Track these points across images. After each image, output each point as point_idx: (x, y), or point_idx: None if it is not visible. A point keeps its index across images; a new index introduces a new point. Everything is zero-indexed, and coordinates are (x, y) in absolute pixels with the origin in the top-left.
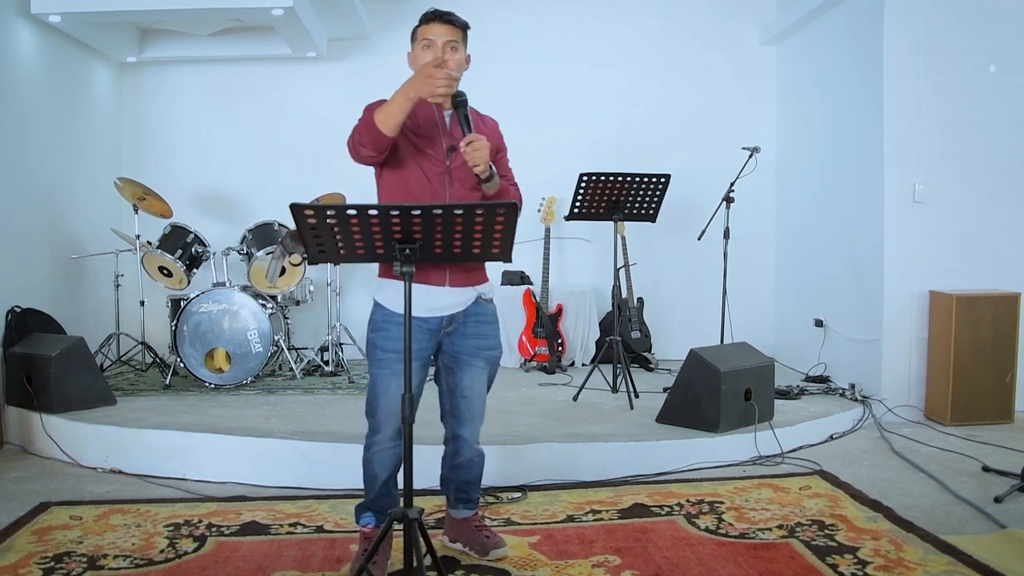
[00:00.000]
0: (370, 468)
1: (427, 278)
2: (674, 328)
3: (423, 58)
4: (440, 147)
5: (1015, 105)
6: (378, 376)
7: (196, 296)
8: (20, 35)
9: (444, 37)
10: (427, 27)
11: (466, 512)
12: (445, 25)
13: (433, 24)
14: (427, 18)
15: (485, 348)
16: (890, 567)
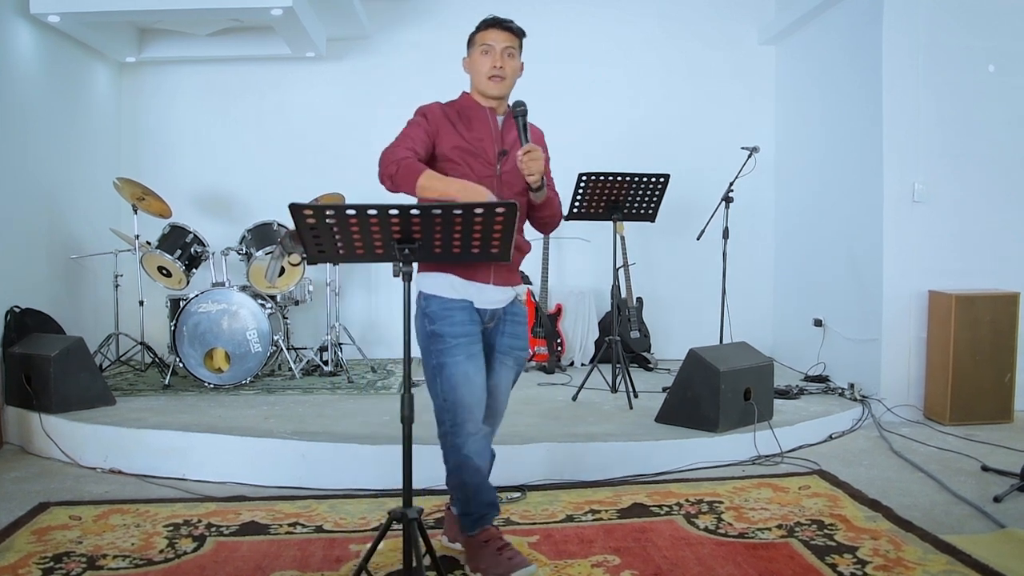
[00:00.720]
0: (469, 466)
1: (474, 275)
2: (673, 328)
3: (482, 63)
4: (492, 151)
5: (1014, 105)
6: (453, 364)
7: (195, 296)
8: (19, 35)
9: (502, 43)
10: (486, 33)
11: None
12: (504, 32)
13: (492, 30)
14: (486, 24)
15: (517, 348)
16: (889, 567)
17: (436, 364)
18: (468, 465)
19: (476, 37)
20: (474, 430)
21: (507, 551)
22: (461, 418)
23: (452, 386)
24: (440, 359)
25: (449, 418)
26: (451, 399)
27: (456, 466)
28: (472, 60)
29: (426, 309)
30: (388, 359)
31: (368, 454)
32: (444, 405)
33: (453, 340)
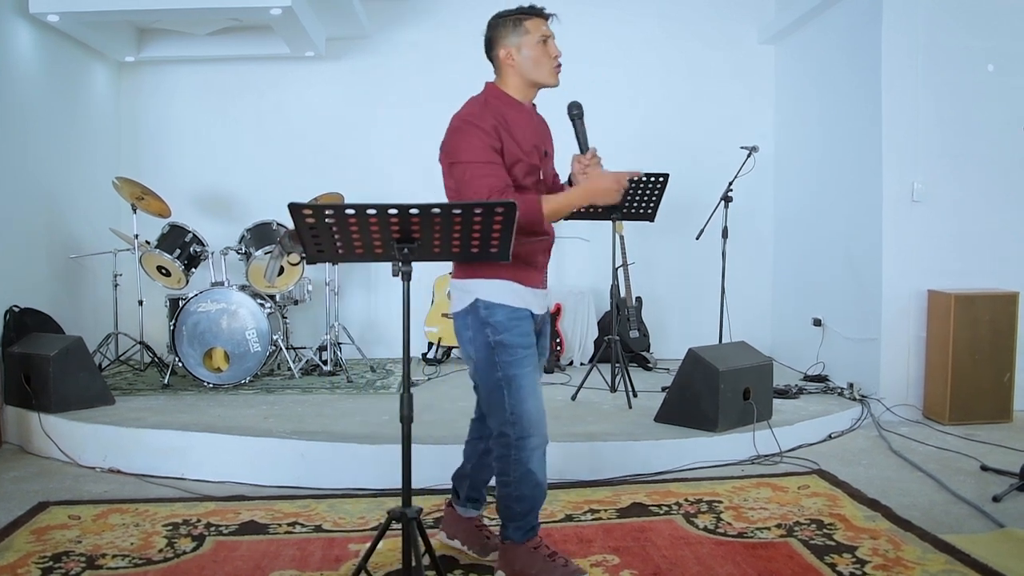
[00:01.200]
0: (530, 480)
1: (530, 279)
2: (672, 327)
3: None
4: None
5: (1014, 105)
6: (522, 376)
7: (194, 296)
8: (18, 35)
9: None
10: (538, 21)
11: (473, 512)
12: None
13: (540, 20)
14: (534, 12)
15: (544, 348)
16: (888, 566)
17: (503, 376)
18: (530, 479)
19: (527, 25)
20: (538, 444)
21: (559, 558)
22: (527, 431)
23: (520, 399)
24: (509, 371)
25: (515, 431)
26: (518, 412)
27: (519, 479)
28: (526, 48)
29: (490, 319)
30: (387, 359)
31: (367, 454)
32: (510, 418)
33: (523, 351)
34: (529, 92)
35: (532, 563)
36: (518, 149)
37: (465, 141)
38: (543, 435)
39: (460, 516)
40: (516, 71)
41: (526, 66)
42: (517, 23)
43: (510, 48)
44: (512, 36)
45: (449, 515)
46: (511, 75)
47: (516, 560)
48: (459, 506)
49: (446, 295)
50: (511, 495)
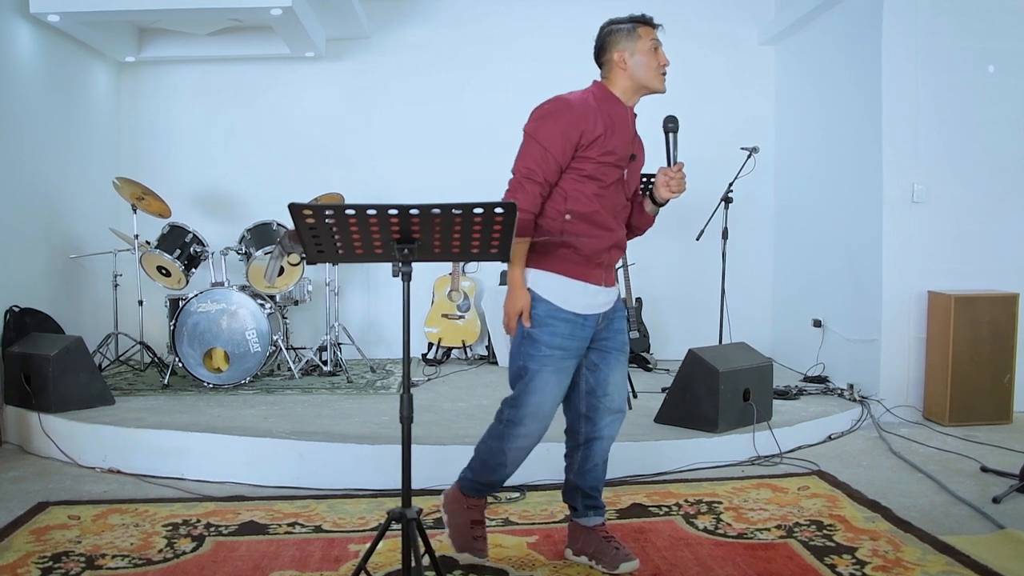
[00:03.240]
0: (499, 458)
1: (589, 276)
2: (672, 328)
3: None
4: (625, 154)
5: (1014, 106)
6: (537, 372)
7: (194, 296)
8: (19, 34)
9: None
10: (649, 29)
11: (596, 519)
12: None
13: (650, 27)
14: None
15: (626, 343)
16: (888, 567)
17: (523, 366)
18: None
19: (640, 31)
20: (525, 436)
21: (479, 529)
22: (520, 420)
23: (530, 391)
24: (527, 363)
25: (510, 414)
26: (522, 400)
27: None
28: (638, 55)
29: (533, 309)
30: (387, 359)
31: (367, 454)
32: (513, 401)
33: (548, 351)
34: (634, 97)
35: (457, 516)
36: (610, 145)
37: (548, 121)
38: (535, 434)
39: (584, 527)
40: (627, 74)
41: (637, 70)
42: (632, 30)
43: (624, 52)
44: (626, 41)
45: (573, 529)
46: (621, 78)
47: (451, 503)
48: (580, 518)
49: (446, 295)
50: (480, 453)
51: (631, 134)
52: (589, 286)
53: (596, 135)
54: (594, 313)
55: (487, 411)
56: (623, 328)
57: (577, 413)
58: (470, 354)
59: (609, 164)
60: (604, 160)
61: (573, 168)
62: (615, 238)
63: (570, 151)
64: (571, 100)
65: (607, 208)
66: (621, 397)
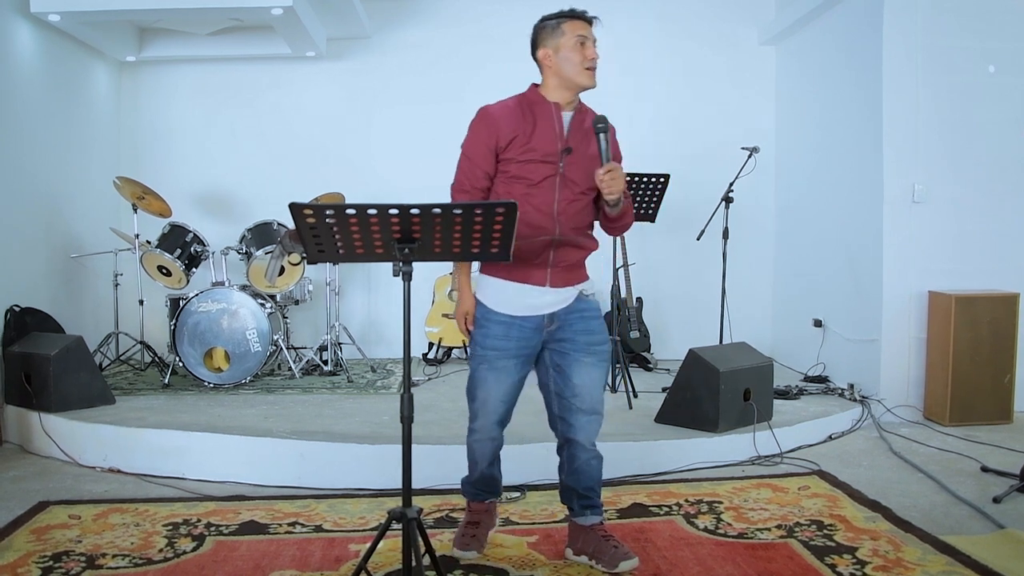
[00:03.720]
0: (471, 453)
1: (527, 278)
2: (673, 328)
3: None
4: (555, 148)
5: (1014, 106)
6: (475, 370)
7: (195, 295)
8: (19, 34)
9: (592, 36)
10: (576, 23)
11: (594, 518)
12: (589, 25)
13: (580, 21)
14: (575, 15)
15: (594, 343)
16: (888, 567)
17: (471, 364)
18: (470, 453)
19: (564, 27)
20: (479, 432)
21: (470, 529)
22: (473, 418)
23: (473, 387)
24: (472, 363)
25: (469, 408)
26: (470, 396)
27: (467, 444)
28: (562, 51)
29: (476, 311)
30: (388, 359)
31: (368, 454)
32: (468, 396)
33: (482, 351)
34: (564, 93)
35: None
36: (532, 143)
37: (469, 132)
38: (485, 429)
39: (582, 526)
40: (553, 72)
41: (562, 66)
42: (556, 26)
43: (548, 50)
44: (551, 38)
45: (572, 529)
46: (549, 76)
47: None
48: (577, 517)
49: (447, 295)
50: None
51: (559, 130)
52: (528, 287)
53: (512, 137)
54: (535, 315)
55: None
56: (591, 328)
57: (552, 414)
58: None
59: (534, 161)
60: (526, 159)
61: (500, 171)
62: (550, 238)
63: (491, 157)
64: (489, 109)
65: (539, 207)
66: (592, 398)
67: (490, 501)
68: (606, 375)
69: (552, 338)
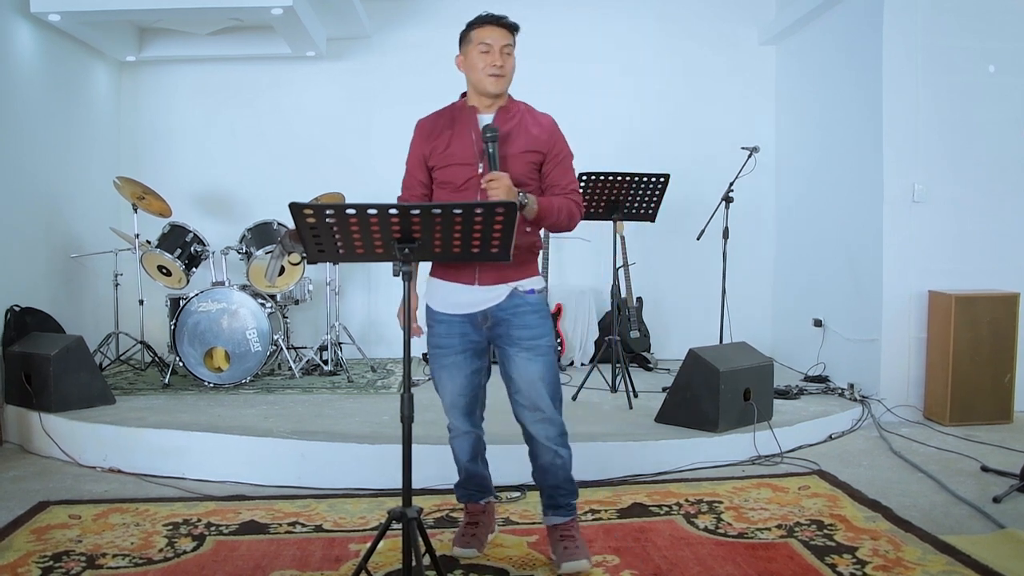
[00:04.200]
0: (453, 452)
1: (458, 277)
2: (673, 328)
3: (480, 62)
4: (472, 154)
5: (1014, 106)
6: (434, 370)
7: (195, 295)
8: (19, 34)
9: (501, 41)
10: (483, 31)
11: (556, 518)
12: (501, 29)
13: (488, 27)
14: (483, 21)
15: (528, 338)
16: (889, 567)
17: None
18: (453, 453)
19: (472, 35)
20: (452, 431)
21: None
22: (445, 413)
23: (436, 387)
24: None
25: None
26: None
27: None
28: (470, 59)
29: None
30: (388, 358)
31: (368, 454)
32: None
33: (431, 350)
34: (483, 98)
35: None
36: (446, 147)
37: (411, 143)
38: (454, 427)
39: (547, 526)
40: (466, 78)
41: (469, 74)
42: (467, 33)
43: (461, 56)
44: (464, 45)
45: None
46: (467, 82)
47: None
48: (544, 516)
49: None
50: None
51: (473, 136)
52: (458, 286)
53: (432, 146)
54: (469, 312)
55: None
56: (526, 323)
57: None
58: None
59: (453, 166)
60: (445, 164)
61: (433, 178)
62: None
63: (423, 166)
64: (422, 121)
65: None
66: (533, 394)
67: (486, 501)
68: (548, 371)
69: (492, 335)
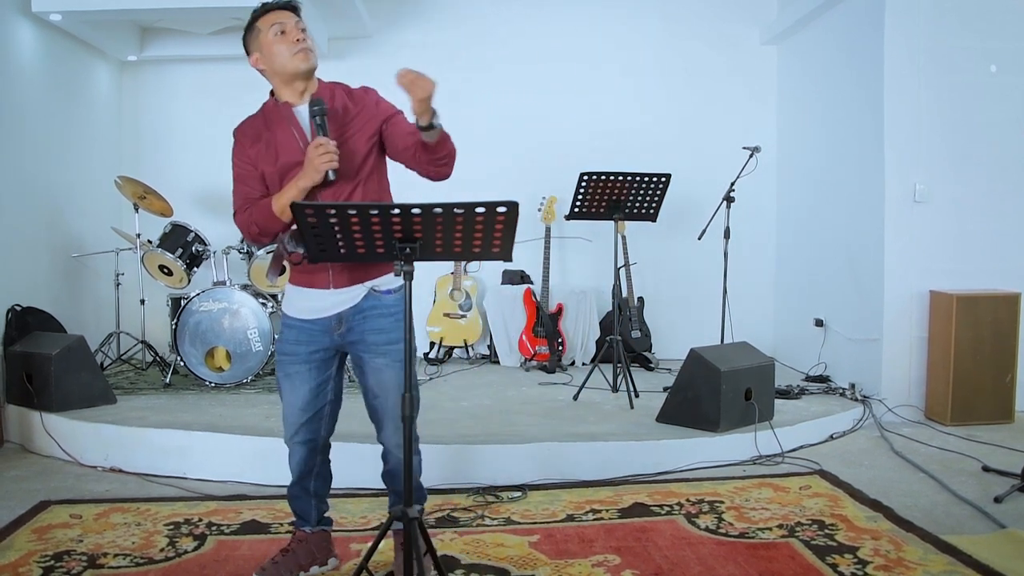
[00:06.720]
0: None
1: (312, 282)
2: (674, 327)
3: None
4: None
5: (1016, 105)
6: (277, 378)
7: (196, 295)
8: (21, 34)
9: (292, 20)
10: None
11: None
12: (286, 11)
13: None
14: (265, 9)
15: (383, 343)
16: (890, 567)
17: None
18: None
19: (258, 25)
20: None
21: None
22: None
23: (280, 396)
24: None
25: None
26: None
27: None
28: (265, 48)
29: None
30: None
31: (369, 453)
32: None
33: (279, 356)
34: (294, 87)
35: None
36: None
37: (232, 156)
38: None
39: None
40: (270, 72)
41: (272, 63)
42: (252, 28)
43: (256, 55)
44: (253, 44)
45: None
46: (270, 78)
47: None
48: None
49: (448, 295)
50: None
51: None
52: (312, 291)
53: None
54: (321, 316)
55: (489, 410)
56: (381, 327)
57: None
58: (472, 353)
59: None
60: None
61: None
62: None
63: (257, 174)
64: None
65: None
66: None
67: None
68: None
69: (345, 341)
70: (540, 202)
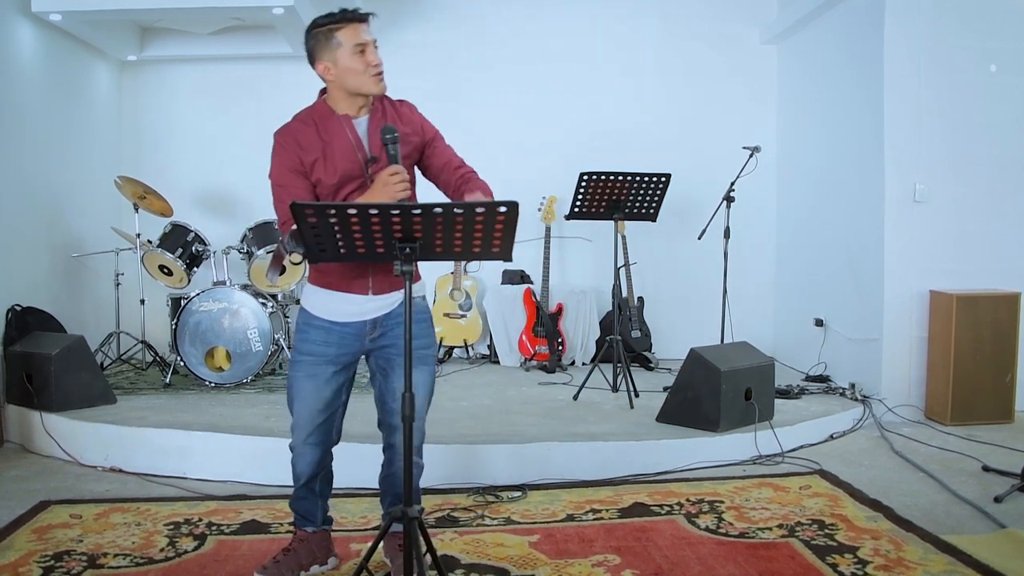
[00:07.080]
0: (293, 467)
1: (350, 287)
2: (674, 327)
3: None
4: (356, 160)
5: (1015, 105)
6: (293, 378)
7: (196, 295)
8: (21, 34)
9: (372, 37)
10: (353, 29)
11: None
12: (365, 24)
13: (357, 25)
14: (348, 18)
15: (418, 347)
16: (890, 567)
17: (288, 372)
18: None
19: (340, 36)
20: (299, 443)
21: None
22: (294, 428)
23: (290, 398)
24: (289, 370)
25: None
26: (290, 408)
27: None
28: (342, 61)
29: (297, 318)
30: None
31: (369, 453)
32: (288, 406)
33: (299, 356)
34: (355, 101)
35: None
36: (329, 163)
37: (273, 159)
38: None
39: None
40: (337, 84)
41: (345, 79)
42: (329, 36)
43: (327, 63)
44: (327, 51)
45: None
46: (333, 88)
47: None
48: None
49: (448, 294)
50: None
51: (355, 143)
52: (350, 296)
53: (313, 159)
54: (356, 320)
55: (489, 410)
56: (419, 333)
57: (378, 417)
58: (472, 353)
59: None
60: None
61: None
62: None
63: (303, 179)
64: (285, 130)
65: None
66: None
67: (312, 531)
68: (431, 381)
69: (375, 345)
70: (540, 202)
